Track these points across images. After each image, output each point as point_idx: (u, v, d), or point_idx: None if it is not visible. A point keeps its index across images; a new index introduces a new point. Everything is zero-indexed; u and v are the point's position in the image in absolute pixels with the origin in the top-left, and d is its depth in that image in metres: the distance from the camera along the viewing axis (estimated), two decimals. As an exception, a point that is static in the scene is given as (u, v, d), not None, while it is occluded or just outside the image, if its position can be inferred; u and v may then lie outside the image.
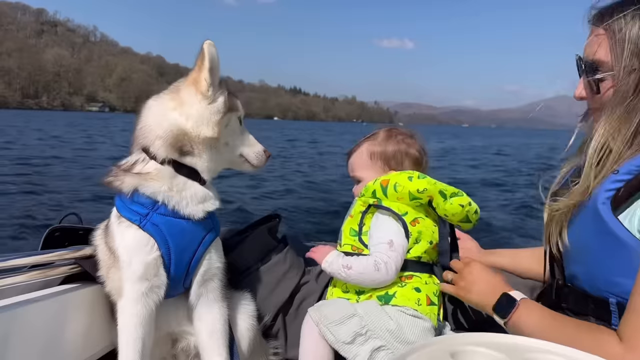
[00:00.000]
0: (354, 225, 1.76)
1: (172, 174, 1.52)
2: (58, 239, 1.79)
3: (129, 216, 1.51)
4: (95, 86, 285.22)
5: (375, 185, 1.71)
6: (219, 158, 1.60)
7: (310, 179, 15.85)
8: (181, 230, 1.54)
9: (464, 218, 1.66)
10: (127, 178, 1.51)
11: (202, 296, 1.65)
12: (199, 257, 1.60)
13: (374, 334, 1.59)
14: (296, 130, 79.96)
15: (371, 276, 1.64)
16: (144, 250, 1.50)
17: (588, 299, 1.32)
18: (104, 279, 1.60)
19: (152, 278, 1.51)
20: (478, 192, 13.36)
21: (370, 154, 1.84)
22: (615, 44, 1.19)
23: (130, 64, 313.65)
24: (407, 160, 1.82)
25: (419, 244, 1.68)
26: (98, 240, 1.65)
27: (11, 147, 22.42)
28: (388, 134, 1.86)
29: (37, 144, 25.41)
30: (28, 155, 18.86)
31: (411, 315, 1.59)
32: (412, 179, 1.65)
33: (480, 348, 0.87)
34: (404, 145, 1.83)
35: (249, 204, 10.80)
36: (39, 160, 17.41)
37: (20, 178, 13.02)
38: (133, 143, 1.57)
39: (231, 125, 1.59)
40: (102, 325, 1.68)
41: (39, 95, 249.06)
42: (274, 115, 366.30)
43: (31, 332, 1.39)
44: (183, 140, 1.51)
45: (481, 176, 18.58)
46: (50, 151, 21.14)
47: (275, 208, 10.62)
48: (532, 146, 48.08)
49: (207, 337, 1.64)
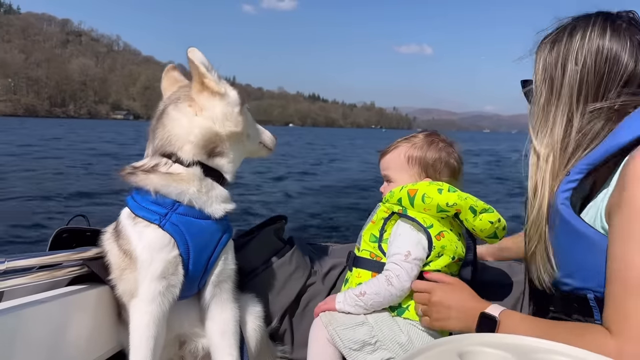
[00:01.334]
0: (374, 231, 1.74)
1: (201, 176, 1.56)
2: (66, 241, 1.82)
3: (147, 216, 1.53)
4: (120, 95, 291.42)
5: (401, 193, 1.66)
6: (243, 151, 1.66)
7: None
8: (200, 230, 1.57)
9: (492, 234, 1.62)
10: (152, 176, 1.53)
11: (215, 296, 1.67)
12: (216, 257, 1.63)
13: (383, 345, 1.59)
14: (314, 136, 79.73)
15: (387, 292, 1.62)
16: (165, 249, 1.51)
17: (570, 299, 1.36)
18: (116, 281, 1.60)
19: (169, 277, 1.53)
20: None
21: (408, 158, 1.78)
22: (535, 62, 1.42)
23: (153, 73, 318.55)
24: (445, 170, 1.77)
25: (441, 259, 1.64)
26: (108, 244, 1.64)
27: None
28: (429, 139, 1.80)
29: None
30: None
31: (423, 330, 1.58)
32: (442, 191, 1.60)
33: (487, 348, 0.88)
34: (445, 153, 1.76)
35: (255, 205, 11.19)
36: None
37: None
38: (151, 149, 1.60)
39: (247, 116, 1.65)
40: (109, 326, 1.70)
41: (66, 104, 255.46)
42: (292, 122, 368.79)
43: (39, 333, 1.41)
44: (215, 142, 1.56)
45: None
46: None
47: (297, 210, 11.11)
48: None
49: (219, 337, 1.66)
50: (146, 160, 1.59)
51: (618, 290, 1.13)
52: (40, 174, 15.78)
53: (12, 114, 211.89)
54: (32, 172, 16.26)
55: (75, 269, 1.63)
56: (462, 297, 1.48)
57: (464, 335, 0.97)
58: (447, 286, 1.53)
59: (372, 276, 1.67)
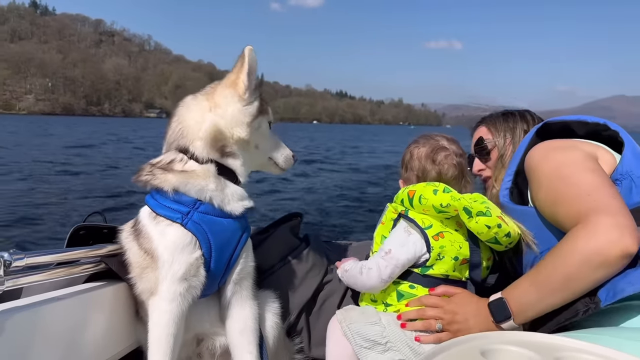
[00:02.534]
0: (385, 232, 1.76)
1: (216, 173, 1.55)
2: (83, 238, 1.81)
3: (169, 214, 1.50)
4: (152, 93, 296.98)
5: (403, 195, 1.71)
6: (249, 160, 1.63)
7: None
8: (222, 228, 1.56)
9: (492, 239, 1.60)
10: (169, 176, 1.51)
11: (236, 294, 1.66)
12: (238, 256, 1.62)
13: (394, 346, 1.59)
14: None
15: (358, 279, 1.70)
16: (187, 250, 1.49)
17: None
18: (136, 280, 1.58)
19: (191, 278, 1.52)
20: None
21: (406, 165, 1.87)
22: (491, 128, 1.93)
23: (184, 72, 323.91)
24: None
25: (442, 261, 1.64)
26: (127, 242, 1.61)
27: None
28: (430, 150, 1.82)
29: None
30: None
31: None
32: (436, 192, 1.62)
33: (511, 347, 0.87)
34: (445, 165, 1.80)
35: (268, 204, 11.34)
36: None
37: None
38: (167, 142, 1.59)
39: (262, 128, 1.62)
40: (126, 324, 1.68)
41: (102, 103, 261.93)
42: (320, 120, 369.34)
43: (57, 330, 1.41)
44: (222, 140, 1.54)
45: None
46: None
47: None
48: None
49: (238, 335, 1.64)
50: (163, 156, 1.58)
51: (563, 205, 1.36)
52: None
53: (50, 113, 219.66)
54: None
55: (93, 265, 1.63)
56: (472, 301, 1.55)
57: (487, 333, 0.96)
58: (455, 296, 1.59)
59: None
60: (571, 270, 1.24)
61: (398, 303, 1.67)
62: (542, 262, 1.35)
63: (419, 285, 1.66)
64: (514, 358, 0.85)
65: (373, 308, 1.71)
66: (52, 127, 63.55)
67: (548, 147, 1.51)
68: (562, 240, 1.30)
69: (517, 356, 0.85)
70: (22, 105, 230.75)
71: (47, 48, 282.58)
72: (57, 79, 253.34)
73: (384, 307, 1.70)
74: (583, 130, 1.58)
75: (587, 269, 1.22)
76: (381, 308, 1.71)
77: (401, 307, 1.66)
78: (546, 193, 1.42)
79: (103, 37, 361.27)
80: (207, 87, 1.62)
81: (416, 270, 1.66)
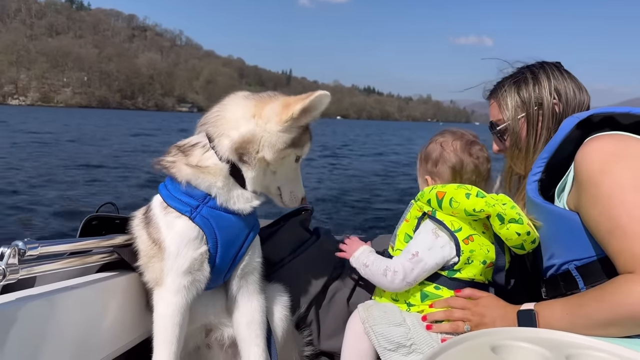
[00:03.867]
0: (409, 230, 1.72)
1: (227, 174, 1.53)
2: (95, 228, 1.81)
3: (178, 207, 1.51)
4: (184, 88, 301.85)
5: (430, 194, 1.64)
6: (261, 179, 1.59)
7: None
8: (229, 224, 1.56)
9: (519, 245, 1.58)
10: (183, 168, 1.52)
11: (242, 288, 1.66)
12: (244, 253, 1.62)
13: (419, 348, 1.56)
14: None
15: (379, 280, 1.66)
16: (193, 245, 1.50)
17: (557, 280, 1.49)
18: (143, 268, 1.60)
19: (195, 272, 1.52)
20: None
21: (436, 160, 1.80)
22: (502, 106, 1.71)
23: (215, 67, 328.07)
24: (472, 174, 1.76)
25: (471, 265, 1.62)
26: (138, 230, 1.63)
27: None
28: (461, 144, 1.78)
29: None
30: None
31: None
32: (469, 196, 1.57)
33: (521, 343, 0.86)
34: (468, 157, 1.76)
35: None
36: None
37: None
38: (200, 122, 1.58)
39: (287, 160, 1.59)
40: (137, 313, 1.70)
41: (135, 97, 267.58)
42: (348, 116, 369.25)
43: (69, 319, 1.42)
44: (248, 150, 1.51)
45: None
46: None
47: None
48: None
49: (245, 328, 1.64)
50: (191, 138, 1.58)
51: (619, 239, 1.24)
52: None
53: (86, 105, 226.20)
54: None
55: (105, 255, 1.64)
56: (499, 304, 1.53)
57: (497, 329, 0.96)
58: (481, 299, 1.57)
59: None
60: (615, 318, 1.21)
61: (422, 303, 1.63)
62: (586, 298, 1.31)
63: (444, 287, 1.62)
64: (525, 354, 0.84)
65: (396, 307, 1.67)
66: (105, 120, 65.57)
67: (605, 152, 1.36)
68: (615, 286, 1.24)
69: (528, 352, 0.84)
70: (60, 98, 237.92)
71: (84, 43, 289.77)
72: (93, 72, 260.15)
73: (407, 306, 1.66)
74: (627, 122, 1.47)
75: (631, 324, 1.20)
76: (404, 307, 1.67)
77: (425, 308, 1.62)
78: (601, 216, 1.30)
79: (136, 32, 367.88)
80: (265, 94, 1.59)
81: (443, 273, 1.63)
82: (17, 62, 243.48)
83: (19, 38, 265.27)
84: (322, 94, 1.45)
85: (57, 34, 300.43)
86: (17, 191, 11.26)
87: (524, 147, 1.67)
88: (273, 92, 1.59)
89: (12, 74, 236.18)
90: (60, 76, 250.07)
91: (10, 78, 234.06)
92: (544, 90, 1.64)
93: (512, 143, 1.70)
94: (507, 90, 1.70)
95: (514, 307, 1.47)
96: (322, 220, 9.13)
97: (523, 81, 1.68)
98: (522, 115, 1.67)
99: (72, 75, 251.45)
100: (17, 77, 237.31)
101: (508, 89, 1.70)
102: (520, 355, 0.84)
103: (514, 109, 1.68)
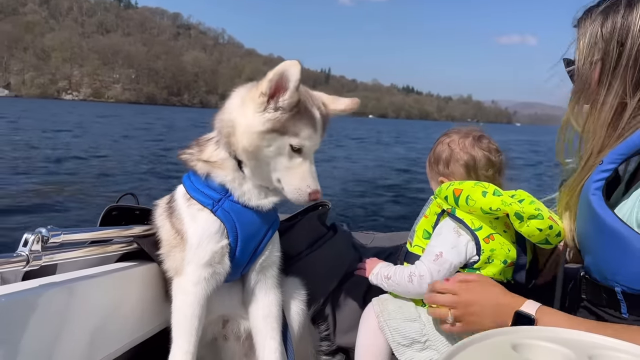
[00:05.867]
0: (427, 226, 1.68)
1: (235, 167, 1.52)
2: (115, 218, 1.80)
3: (201, 199, 1.53)
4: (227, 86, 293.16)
5: (447, 191, 1.60)
6: (258, 172, 1.54)
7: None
8: (251, 219, 1.57)
9: (543, 240, 1.52)
10: (198, 163, 1.55)
11: (259, 282, 1.67)
12: (263, 248, 1.63)
13: (433, 345, 1.54)
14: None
15: (405, 287, 1.61)
16: (214, 238, 1.51)
17: (600, 289, 1.30)
18: (164, 257, 1.61)
19: (216, 265, 1.54)
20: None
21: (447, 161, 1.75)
22: (579, 41, 1.30)
23: (256, 65, 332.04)
24: (490, 168, 1.70)
25: (491, 264, 1.57)
26: (161, 219, 1.64)
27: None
28: (468, 141, 1.73)
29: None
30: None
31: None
32: (486, 194, 1.51)
33: (544, 342, 0.84)
34: (480, 151, 1.71)
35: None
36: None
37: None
38: (215, 118, 1.58)
39: (275, 147, 1.47)
40: (156, 303, 1.70)
41: (181, 94, 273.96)
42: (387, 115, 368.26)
43: (89, 307, 1.42)
44: (231, 141, 1.48)
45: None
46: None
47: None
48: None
49: (262, 321, 1.65)
50: (211, 133, 1.60)
51: None
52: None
53: (135, 101, 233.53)
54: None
55: (125, 245, 1.65)
56: (493, 293, 1.39)
57: (519, 327, 0.95)
58: (473, 283, 1.43)
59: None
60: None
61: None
62: (605, 327, 1.19)
63: None
64: (547, 354, 0.83)
65: (411, 303, 1.65)
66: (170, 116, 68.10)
67: None
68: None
69: (550, 352, 0.83)
70: (110, 93, 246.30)
71: (133, 40, 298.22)
72: (141, 70, 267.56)
73: (422, 302, 1.62)
74: None
75: None
76: (419, 303, 1.64)
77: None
78: None
79: (180, 30, 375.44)
80: (259, 82, 1.47)
81: (463, 271, 1.60)
82: (70, 58, 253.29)
83: (72, 36, 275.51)
84: (287, 62, 1.35)
85: (106, 32, 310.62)
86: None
87: (589, 100, 1.31)
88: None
89: (66, 70, 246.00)
90: (111, 73, 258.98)
91: (64, 74, 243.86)
92: (635, 21, 1.18)
93: (577, 90, 1.36)
94: (592, 18, 1.29)
95: (510, 302, 1.33)
96: (342, 215, 9.16)
97: (614, 7, 1.24)
98: (597, 58, 1.27)
99: (121, 72, 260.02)
100: (71, 73, 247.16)
101: (594, 18, 1.29)
102: (542, 355, 0.83)
103: (589, 47, 1.28)
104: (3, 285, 1.26)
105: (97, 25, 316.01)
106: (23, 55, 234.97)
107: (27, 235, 1.25)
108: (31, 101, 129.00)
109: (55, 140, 22.91)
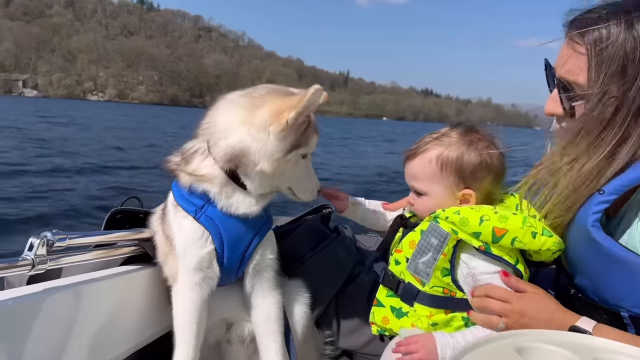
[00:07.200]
0: (446, 264, 1.45)
1: (224, 182, 1.51)
2: (119, 221, 1.80)
3: (185, 206, 1.53)
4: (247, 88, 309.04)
5: (481, 228, 1.37)
6: (267, 183, 1.55)
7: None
8: (236, 225, 1.55)
9: (549, 257, 1.44)
10: (182, 175, 1.54)
11: (255, 285, 1.66)
12: (252, 251, 1.60)
13: None
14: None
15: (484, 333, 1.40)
16: (198, 244, 1.52)
17: (600, 310, 1.27)
18: (162, 264, 1.64)
19: (205, 269, 1.55)
20: None
21: (442, 165, 1.47)
22: (592, 62, 1.05)
23: (276, 67, 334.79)
24: (489, 177, 1.49)
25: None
26: (155, 225, 1.68)
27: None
28: (466, 139, 1.48)
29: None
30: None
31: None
32: (536, 235, 1.34)
33: (548, 346, 0.83)
34: (487, 156, 1.47)
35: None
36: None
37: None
38: (198, 130, 1.55)
39: (292, 163, 1.50)
40: (161, 306, 1.69)
41: (203, 95, 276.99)
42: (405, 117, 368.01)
43: (94, 310, 1.42)
44: (242, 162, 1.45)
45: None
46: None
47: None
48: None
49: (262, 324, 1.65)
50: (194, 142, 1.56)
51: None
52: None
53: (159, 103, 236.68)
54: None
55: (130, 249, 1.67)
56: (548, 307, 1.30)
57: (523, 331, 0.94)
58: (529, 295, 1.34)
59: (446, 314, 1.45)
60: None
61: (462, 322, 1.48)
62: None
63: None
64: (552, 357, 0.82)
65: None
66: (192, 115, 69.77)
67: None
68: None
69: (554, 355, 0.82)
70: (135, 95, 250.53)
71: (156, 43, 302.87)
72: (164, 72, 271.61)
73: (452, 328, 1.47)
74: None
75: None
76: (450, 330, 1.47)
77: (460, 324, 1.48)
78: None
79: (201, 33, 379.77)
80: (257, 92, 1.48)
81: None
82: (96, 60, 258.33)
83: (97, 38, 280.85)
84: (314, 90, 1.34)
85: (130, 34, 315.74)
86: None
87: (596, 132, 1.11)
88: (263, 89, 1.50)
89: (91, 71, 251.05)
90: (135, 74, 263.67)
91: (90, 75, 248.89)
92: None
93: (585, 121, 1.14)
94: (609, 26, 1.04)
95: (565, 317, 1.25)
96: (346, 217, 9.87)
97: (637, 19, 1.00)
98: (615, 88, 1.05)
99: (145, 74, 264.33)
100: (96, 75, 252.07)
101: (617, 31, 1.02)
102: (546, 358, 0.82)
103: (606, 71, 1.04)
104: (9, 289, 1.26)
105: (121, 27, 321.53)
106: (50, 56, 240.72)
107: (32, 239, 1.25)
108: (59, 101, 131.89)
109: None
